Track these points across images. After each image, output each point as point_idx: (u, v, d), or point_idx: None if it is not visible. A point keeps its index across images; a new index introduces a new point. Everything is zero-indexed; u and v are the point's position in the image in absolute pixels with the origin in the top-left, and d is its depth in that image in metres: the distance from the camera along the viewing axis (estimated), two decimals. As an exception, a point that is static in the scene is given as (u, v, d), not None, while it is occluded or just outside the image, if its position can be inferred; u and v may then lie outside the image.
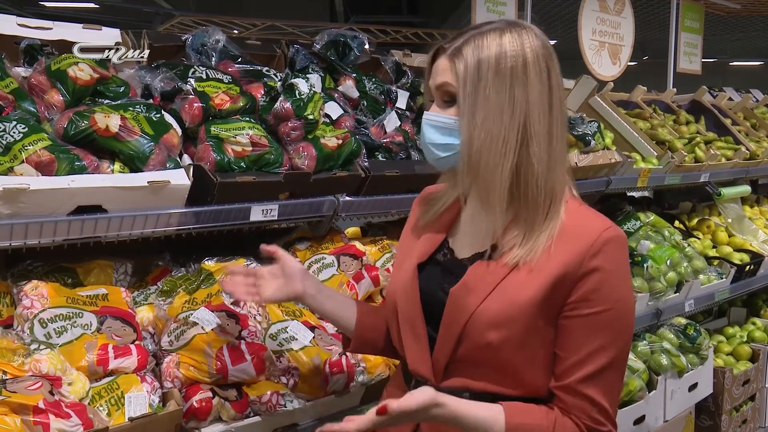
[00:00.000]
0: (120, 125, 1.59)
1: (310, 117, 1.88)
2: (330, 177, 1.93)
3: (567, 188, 1.27)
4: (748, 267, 3.40)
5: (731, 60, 17.91)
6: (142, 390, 1.52)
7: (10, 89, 1.60)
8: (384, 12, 12.57)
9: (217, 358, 1.60)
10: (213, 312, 1.68)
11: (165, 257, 2.01)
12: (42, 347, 1.47)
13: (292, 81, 1.90)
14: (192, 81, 1.86)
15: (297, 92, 1.88)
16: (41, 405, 1.31)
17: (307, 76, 2.04)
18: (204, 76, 1.90)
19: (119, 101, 1.69)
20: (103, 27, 1.93)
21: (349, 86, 2.27)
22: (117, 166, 1.60)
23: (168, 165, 1.66)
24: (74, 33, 1.86)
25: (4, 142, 1.47)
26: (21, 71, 1.71)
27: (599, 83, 3.52)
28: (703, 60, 5.46)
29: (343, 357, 1.78)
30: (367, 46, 2.37)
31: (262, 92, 1.97)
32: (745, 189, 3.79)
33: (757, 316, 3.82)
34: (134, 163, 1.61)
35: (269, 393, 1.63)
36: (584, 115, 2.93)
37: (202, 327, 1.64)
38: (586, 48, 4.25)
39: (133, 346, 1.60)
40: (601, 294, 1.19)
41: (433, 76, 1.26)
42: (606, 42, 4.40)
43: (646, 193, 3.92)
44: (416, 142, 2.25)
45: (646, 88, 3.83)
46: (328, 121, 2.06)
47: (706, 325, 3.57)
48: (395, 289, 1.39)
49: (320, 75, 2.21)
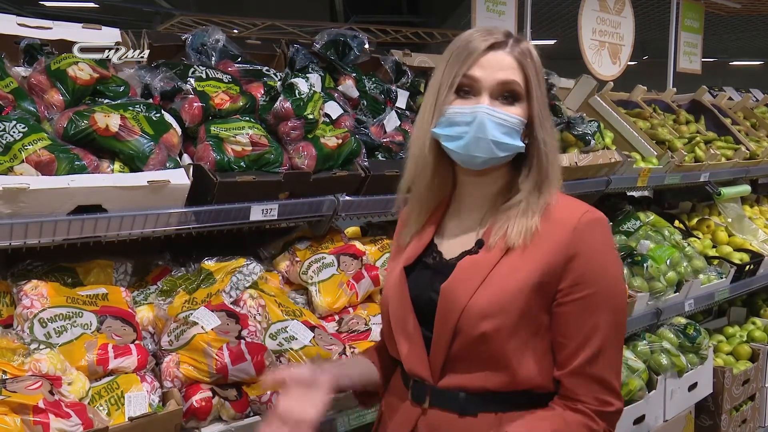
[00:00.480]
0: (120, 125, 1.59)
1: (310, 116, 1.88)
2: (330, 177, 1.93)
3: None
4: (747, 267, 3.40)
5: (731, 60, 17.90)
6: (142, 390, 1.52)
7: (10, 89, 1.60)
8: (384, 12, 12.56)
9: (216, 357, 1.60)
10: (213, 312, 1.68)
11: (165, 257, 2.01)
12: (42, 347, 1.47)
13: (292, 81, 1.90)
14: (192, 80, 1.86)
15: (297, 92, 1.88)
16: (41, 405, 1.31)
17: (307, 75, 2.04)
18: (204, 76, 1.90)
19: (119, 101, 1.69)
20: (103, 27, 1.93)
21: (349, 86, 2.27)
22: (117, 165, 1.60)
23: (168, 165, 1.66)
24: (74, 33, 1.86)
25: (4, 142, 1.47)
26: (21, 71, 1.71)
27: (599, 83, 3.52)
28: (703, 59, 5.46)
29: (343, 357, 1.78)
30: (367, 46, 2.37)
31: (262, 92, 1.97)
32: (745, 189, 3.78)
33: (757, 315, 3.82)
34: (134, 163, 1.61)
35: (269, 393, 1.63)
36: (584, 115, 2.93)
37: (202, 327, 1.64)
38: (586, 48, 4.25)
39: (133, 346, 1.60)
40: (590, 275, 1.22)
41: (490, 69, 1.23)
42: (606, 42, 4.40)
43: (646, 193, 3.92)
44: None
45: (646, 88, 3.83)
46: (328, 120, 2.06)
47: (705, 325, 3.57)
48: (387, 294, 1.39)
49: (320, 74, 2.21)
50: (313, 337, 1.80)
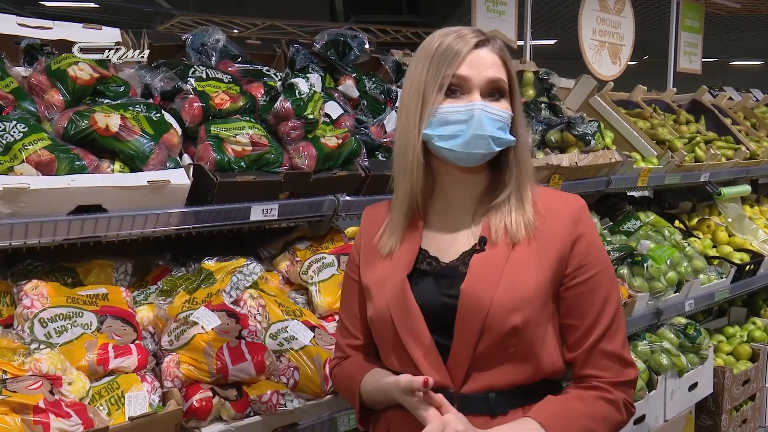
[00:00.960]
0: (120, 125, 1.59)
1: (310, 116, 1.88)
2: (330, 176, 1.93)
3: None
4: (748, 267, 3.40)
5: (731, 60, 17.89)
6: (142, 389, 1.52)
7: (10, 89, 1.61)
8: (384, 12, 12.57)
9: (217, 357, 1.60)
10: (213, 311, 1.68)
11: (165, 257, 2.01)
12: (42, 347, 1.47)
13: (292, 80, 1.90)
14: (192, 80, 1.86)
15: (297, 92, 1.88)
16: (41, 404, 1.31)
17: (307, 75, 2.04)
18: (204, 76, 1.90)
19: (119, 101, 1.69)
20: (103, 27, 1.93)
21: (349, 86, 2.27)
22: (117, 165, 1.60)
23: (168, 164, 1.66)
24: (74, 32, 1.86)
25: (4, 142, 1.47)
26: (21, 71, 1.71)
27: (599, 83, 3.52)
28: (703, 59, 5.45)
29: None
30: (367, 46, 2.37)
31: (262, 92, 1.97)
32: (745, 188, 3.78)
33: (757, 315, 3.82)
34: (134, 163, 1.61)
35: (269, 392, 1.62)
36: (584, 115, 2.93)
37: (202, 326, 1.64)
38: (586, 47, 4.24)
39: (133, 346, 1.60)
40: (591, 257, 1.30)
41: (478, 67, 1.25)
42: (606, 41, 4.40)
43: (646, 193, 3.92)
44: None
45: (646, 88, 3.83)
46: (328, 120, 2.06)
47: (706, 325, 3.57)
48: (385, 305, 1.33)
49: (320, 74, 2.22)
50: (314, 337, 1.80)
